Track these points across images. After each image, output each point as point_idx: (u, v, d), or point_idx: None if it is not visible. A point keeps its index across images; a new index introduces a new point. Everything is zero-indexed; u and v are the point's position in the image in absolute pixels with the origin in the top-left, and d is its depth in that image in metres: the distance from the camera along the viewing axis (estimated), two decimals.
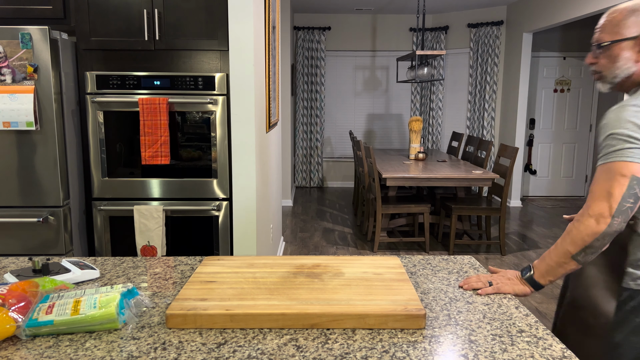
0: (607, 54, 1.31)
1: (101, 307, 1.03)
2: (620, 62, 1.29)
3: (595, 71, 1.35)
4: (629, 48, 1.28)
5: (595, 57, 1.34)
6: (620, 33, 1.28)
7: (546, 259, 1.27)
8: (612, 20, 1.30)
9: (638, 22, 1.26)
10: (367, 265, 1.34)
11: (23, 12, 2.55)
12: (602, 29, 1.32)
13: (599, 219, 1.20)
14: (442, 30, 7.14)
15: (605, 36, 1.30)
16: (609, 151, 1.23)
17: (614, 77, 1.32)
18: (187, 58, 2.57)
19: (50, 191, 2.45)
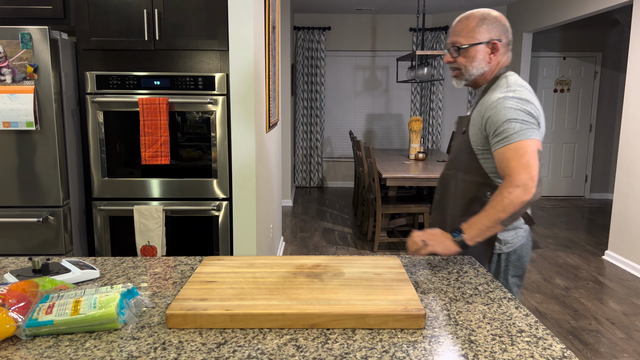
0: (465, 55, 1.57)
1: (101, 307, 1.03)
2: (476, 62, 1.56)
3: (455, 68, 1.61)
4: (482, 50, 1.56)
5: (454, 57, 1.59)
6: (476, 38, 1.55)
7: (477, 225, 1.44)
8: (467, 27, 1.56)
9: (488, 29, 1.55)
10: (367, 265, 1.34)
11: (23, 12, 2.55)
12: (458, 33, 1.57)
13: (525, 188, 1.39)
14: (442, 30, 7.14)
15: (463, 40, 1.56)
16: (512, 133, 1.43)
17: (471, 75, 1.59)
18: (187, 58, 2.57)
19: (50, 191, 2.45)
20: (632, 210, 4.12)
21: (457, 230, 1.46)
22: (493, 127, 1.47)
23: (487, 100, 1.52)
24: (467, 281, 1.35)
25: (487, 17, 1.55)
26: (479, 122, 1.53)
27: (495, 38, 1.55)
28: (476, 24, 1.54)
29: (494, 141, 1.48)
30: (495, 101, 1.48)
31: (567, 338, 2.93)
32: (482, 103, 1.54)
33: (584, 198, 7.04)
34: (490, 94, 1.53)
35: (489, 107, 1.49)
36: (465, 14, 1.59)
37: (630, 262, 4.11)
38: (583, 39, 6.74)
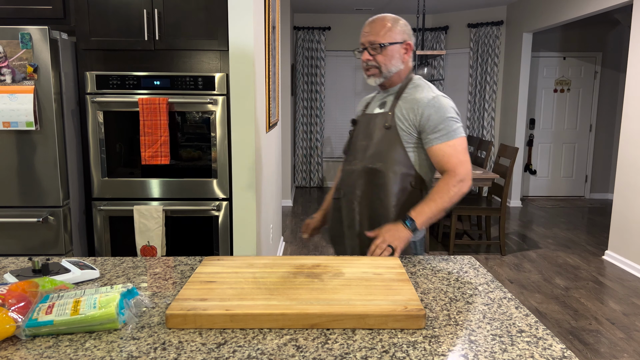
0: (384, 53, 1.66)
1: (101, 307, 1.03)
2: (394, 60, 1.67)
3: (372, 66, 1.68)
4: (398, 50, 1.67)
5: (372, 55, 1.67)
6: (393, 37, 1.65)
7: (426, 213, 1.58)
8: (384, 27, 1.65)
9: (401, 31, 1.67)
10: (367, 265, 1.34)
11: (23, 12, 2.55)
12: (376, 33, 1.66)
13: (466, 181, 1.60)
14: (442, 30, 7.14)
15: (381, 39, 1.65)
16: (450, 130, 1.60)
17: (389, 72, 1.68)
18: (187, 58, 2.57)
19: (50, 191, 2.45)
20: (632, 210, 4.12)
21: (408, 219, 1.57)
22: (432, 124, 1.60)
23: (418, 98, 1.64)
24: (467, 281, 1.35)
25: (399, 20, 1.68)
26: (412, 118, 1.63)
27: (408, 40, 1.69)
28: (392, 25, 1.66)
29: (433, 137, 1.61)
30: (432, 100, 1.62)
31: (567, 338, 2.93)
32: (412, 101, 1.65)
33: (584, 198, 7.04)
34: (416, 93, 1.66)
35: (427, 105, 1.61)
36: (379, 16, 1.69)
37: (630, 262, 4.11)
38: (583, 39, 6.74)
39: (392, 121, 1.66)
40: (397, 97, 1.70)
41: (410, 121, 1.63)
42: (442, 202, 1.59)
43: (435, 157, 1.62)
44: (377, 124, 1.70)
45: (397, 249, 1.54)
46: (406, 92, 1.69)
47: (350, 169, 1.75)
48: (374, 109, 1.76)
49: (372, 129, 1.71)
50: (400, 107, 1.67)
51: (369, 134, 1.71)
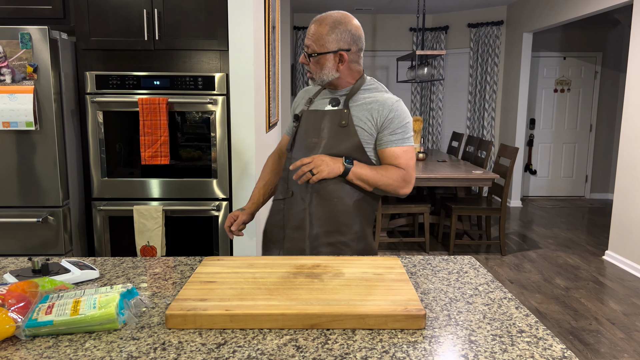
0: (315, 61, 1.61)
1: (101, 307, 1.03)
2: (325, 69, 1.60)
3: (307, 71, 1.65)
4: (331, 59, 1.59)
5: (307, 60, 1.63)
6: (325, 47, 1.58)
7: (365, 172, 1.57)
8: (319, 34, 1.58)
9: (337, 39, 1.58)
10: (367, 266, 1.34)
11: (22, 12, 2.55)
12: (310, 38, 1.60)
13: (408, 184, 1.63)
14: (442, 30, 7.14)
15: (314, 46, 1.59)
16: (406, 136, 1.62)
17: (322, 80, 1.63)
18: (186, 58, 2.57)
19: (49, 191, 2.45)
20: (633, 210, 4.12)
21: (349, 160, 1.57)
22: (393, 126, 1.60)
23: (382, 99, 1.62)
24: (467, 281, 1.35)
25: (338, 26, 1.58)
26: (375, 118, 1.61)
27: (344, 48, 1.59)
28: (327, 32, 1.57)
29: (390, 139, 1.60)
30: (396, 102, 1.62)
31: (568, 338, 2.93)
32: (375, 102, 1.62)
33: (584, 198, 7.04)
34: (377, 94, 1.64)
35: (392, 107, 1.60)
36: (320, 17, 1.60)
37: (631, 262, 4.11)
38: (583, 39, 6.74)
39: (348, 119, 1.61)
40: (351, 96, 1.64)
41: (374, 121, 1.60)
42: (381, 179, 1.59)
43: (389, 159, 1.62)
44: (330, 121, 1.64)
45: (319, 174, 1.52)
46: (363, 92, 1.65)
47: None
48: (324, 106, 1.67)
49: (323, 126, 1.64)
50: (360, 106, 1.63)
51: (319, 131, 1.64)
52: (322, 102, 1.69)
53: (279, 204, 1.74)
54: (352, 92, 1.65)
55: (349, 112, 1.62)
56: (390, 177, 1.60)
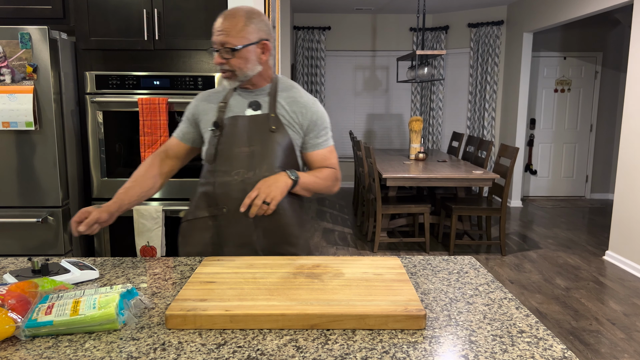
0: (239, 56, 1.49)
1: (100, 307, 1.03)
2: (250, 63, 1.51)
3: (227, 70, 1.51)
4: (254, 51, 1.51)
5: (225, 58, 1.49)
6: (247, 38, 1.48)
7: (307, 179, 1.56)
8: (235, 26, 1.47)
9: (256, 29, 1.50)
10: (367, 266, 1.34)
11: (22, 12, 2.55)
12: (227, 33, 1.47)
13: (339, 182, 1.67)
14: (443, 30, 7.14)
15: (233, 40, 1.47)
16: (329, 137, 1.64)
17: (246, 76, 1.53)
18: (186, 58, 2.57)
19: (49, 191, 2.45)
20: (633, 210, 4.11)
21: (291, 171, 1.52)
22: (318, 128, 1.60)
23: (303, 101, 1.58)
24: (468, 282, 1.34)
25: (253, 16, 1.51)
26: (300, 120, 1.58)
27: (264, 38, 1.53)
28: (244, 24, 1.48)
29: (317, 141, 1.60)
30: (315, 103, 1.61)
31: (568, 338, 2.93)
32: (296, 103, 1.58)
33: (584, 198, 7.03)
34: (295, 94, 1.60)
35: (313, 108, 1.59)
36: (230, 11, 1.50)
37: (631, 263, 4.11)
38: (583, 39, 6.73)
39: (277, 123, 1.55)
40: (274, 97, 1.57)
41: (299, 124, 1.57)
42: (321, 183, 1.59)
43: (320, 162, 1.62)
44: (258, 127, 1.55)
45: (273, 200, 1.43)
46: (281, 92, 1.59)
47: (232, 180, 1.54)
48: (243, 110, 1.57)
49: (252, 134, 1.54)
50: (284, 108, 1.57)
51: (249, 139, 1.54)
52: (240, 106, 1.58)
53: (204, 222, 1.60)
54: (273, 92, 1.58)
55: (276, 116, 1.55)
56: (327, 179, 1.61)
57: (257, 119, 1.55)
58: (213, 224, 1.59)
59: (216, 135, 1.56)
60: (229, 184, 1.55)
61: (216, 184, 1.56)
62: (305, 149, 1.61)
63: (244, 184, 1.54)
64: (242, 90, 1.59)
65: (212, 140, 1.57)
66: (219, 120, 1.56)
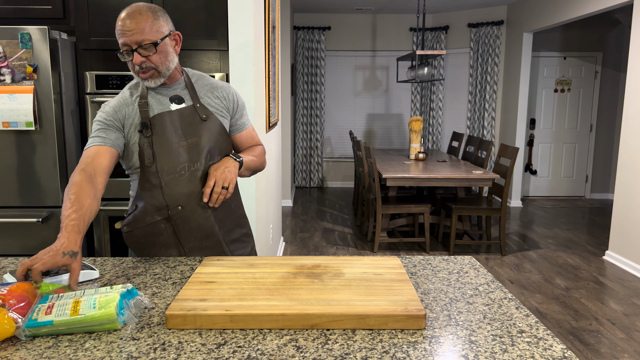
0: (159, 51, 1.47)
1: (101, 307, 1.03)
2: (170, 55, 1.50)
3: (149, 68, 1.47)
4: (169, 44, 1.50)
5: (145, 56, 1.45)
6: (161, 32, 1.47)
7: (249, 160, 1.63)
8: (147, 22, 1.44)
9: (165, 21, 1.49)
10: (367, 266, 1.34)
11: (22, 12, 2.55)
12: (140, 30, 1.43)
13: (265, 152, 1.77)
14: (443, 30, 7.14)
15: (150, 36, 1.44)
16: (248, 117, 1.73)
17: (168, 69, 1.51)
18: (186, 58, 2.57)
19: (49, 191, 2.45)
20: (633, 210, 4.11)
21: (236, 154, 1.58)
22: (239, 109, 1.67)
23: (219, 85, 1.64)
24: (468, 281, 1.34)
25: (157, 10, 1.48)
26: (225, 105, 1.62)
27: (172, 29, 1.53)
28: (154, 18, 1.45)
29: (242, 121, 1.68)
30: (230, 87, 1.66)
31: (568, 338, 2.93)
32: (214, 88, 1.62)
33: (584, 198, 7.03)
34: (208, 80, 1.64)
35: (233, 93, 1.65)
36: (134, 10, 1.44)
37: (631, 263, 4.11)
38: (583, 39, 6.73)
39: (206, 112, 1.56)
40: (192, 88, 1.58)
41: (225, 107, 1.62)
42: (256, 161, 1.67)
43: (248, 141, 1.71)
44: (188, 119, 1.54)
45: (230, 184, 1.48)
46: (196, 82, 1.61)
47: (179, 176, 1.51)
48: (169, 107, 1.54)
49: (185, 127, 1.53)
50: (207, 96, 1.59)
51: (184, 132, 1.52)
52: (162, 102, 1.54)
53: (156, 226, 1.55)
54: (189, 84, 1.59)
55: (202, 106, 1.57)
56: (260, 156, 1.71)
57: (184, 112, 1.55)
58: (166, 225, 1.54)
59: (147, 136, 1.50)
60: (177, 181, 1.52)
61: (163, 184, 1.51)
62: (235, 130, 1.67)
63: (193, 177, 1.52)
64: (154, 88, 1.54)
65: (144, 142, 1.50)
66: (145, 120, 1.50)
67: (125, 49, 1.45)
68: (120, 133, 1.52)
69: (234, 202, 1.67)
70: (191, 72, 1.64)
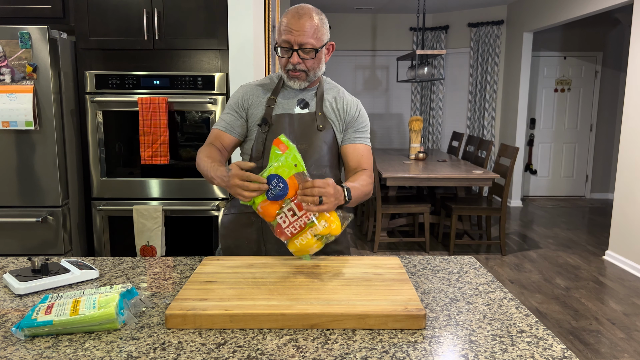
0: (317, 58, 1.50)
1: (100, 307, 1.03)
2: (322, 64, 1.54)
3: (301, 70, 1.50)
4: (324, 52, 1.54)
5: (303, 58, 1.48)
6: (322, 39, 1.49)
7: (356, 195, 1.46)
8: (314, 25, 1.46)
9: (326, 29, 1.51)
10: (367, 266, 1.33)
11: (22, 11, 2.55)
12: (306, 33, 1.45)
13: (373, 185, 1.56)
14: (443, 29, 7.14)
15: (314, 41, 1.46)
16: (368, 136, 1.63)
17: (316, 76, 1.55)
18: (186, 57, 2.57)
19: (49, 191, 2.45)
20: (633, 210, 4.11)
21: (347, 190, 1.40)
22: (358, 124, 1.60)
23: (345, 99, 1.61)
24: (468, 281, 1.34)
25: (322, 16, 1.50)
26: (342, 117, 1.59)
27: (329, 38, 1.54)
28: (320, 24, 1.48)
29: (355, 135, 1.60)
30: (358, 104, 1.63)
31: (568, 338, 2.93)
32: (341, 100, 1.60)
33: (584, 198, 7.03)
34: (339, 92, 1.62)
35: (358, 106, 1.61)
36: (304, 10, 1.46)
37: (631, 262, 4.10)
38: (584, 39, 6.73)
39: (324, 122, 1.56)
40: (321, 96, 1.59)
41: (342, 120, 1.59)
42: (362, 193, 1.50)
43: (355, 155, 1.58)
44: (306, 125, 1.55)
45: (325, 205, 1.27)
46: (327, 91, 1.61)
47: None
48: (292, 108, 1.57)
49: (301, 132, 1.55)
50: (331, 106, 1.58)
51: (296, 137, 1.54)
52: (289, 104, 1.57)
53: (247, 218, 1.58)
54: (320, 92, 1.59)
55: (323, 115, 1.57)
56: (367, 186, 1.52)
57: (304, 117, 1.56)
58: (256, 219, 1.57)
59: (264, 132, 1.55)
60: None
61: None
62: (347, 141, 1.60)
63: None
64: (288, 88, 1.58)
65: (260, 137, 1.55)
66: (267, 117, 1.55)
67: (285, 46, 1.47)
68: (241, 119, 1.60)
69: None
70: (329, 82, 1.65)
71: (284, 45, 1.47)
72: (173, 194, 2.63)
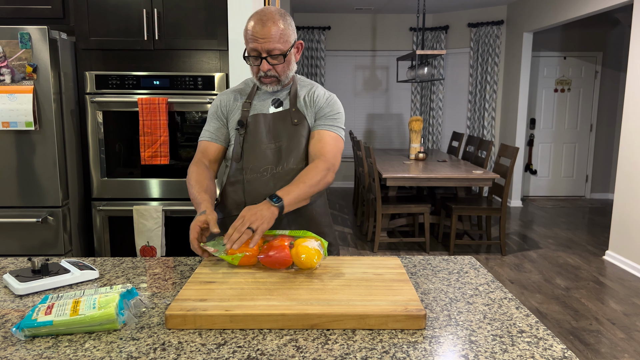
0: (286, 61, 1.51)
1: (100, 307, 1.03)
2: (292, 65, 1.54)
3: (272, 76, 1.52)
4: (293, 53, 1.54)
5: (273, 64, 1.49)
6: (289, 42, 1.49)
7: (294, 195, 1.44)
8: (279, 29, 1.46)
9: (292, 29, 1.51)
10: (367, 266, 1.33)
11: (22, 11, 2.55)
12: (272, 39, 1.45)
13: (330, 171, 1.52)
14: (442, 29, 7.14)
15: (281, 45, 1.47)
16: (337, 125, 1.59)
17: (287, 78, 1.56)
18: (186, 58, 2.57)
19: (49, 191, 2.45)
20: (633, 210, 4.11)
21: (276, 198, 1.40)
22: (325, 112, 1.59)
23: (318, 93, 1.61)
24: (468, 281, 1.34)
25: (286, 16, 1.50)
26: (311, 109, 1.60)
27: (296, 37, 1.54)
28: (285, 26, 1.47)
29: (323, 122, 1.58)
30: (331, 97, 1.62)
31: (568, 338, 2.93)
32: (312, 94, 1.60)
33: (584, 198, 7.03)
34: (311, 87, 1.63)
35: (326, 97, 1.61)
36: (266, 15, 1.46)
37: (631, 262, 4.10)
38: (584, 39, 6.73)
39: (298, 116, 1.58)
40: (294, 94, 1.60)
41: (313, 110, 1.59)
42: (311, 187, 1.47)
43: (316, 142, 1.56)
44: (282, 123, 1.58)
45: (258, 230, 1.31)
46: (301, 88, 1.63)
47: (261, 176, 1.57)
48: (267, 108, 1.59)
49: (277, 130, 1.57)
50: (302, 100, 1.60)
51: (275, 135, 1.57)
52: (264, 104, 1.60)
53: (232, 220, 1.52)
54: (294, 90, 1.61)
55: (297, 110, 1.59)
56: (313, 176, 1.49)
57: (279, 116, 1.58)
58: None
59: (241, 134, 1.58)
60: (258, 181, 1.58)
61: (245, 181, 1.59)
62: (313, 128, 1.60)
63: (273, 179, 1.58)
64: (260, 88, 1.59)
65: (238, 139, 1.59)
66: (243, 119, 1.58)
67: (254, 54, 1.48)
68: (223, 126, 1.62)
69: (315, 211, 1.64)
70: (303, 80, 1.66)
71: (252, 54, 1.49)
72: (173, 194, 2.63)
